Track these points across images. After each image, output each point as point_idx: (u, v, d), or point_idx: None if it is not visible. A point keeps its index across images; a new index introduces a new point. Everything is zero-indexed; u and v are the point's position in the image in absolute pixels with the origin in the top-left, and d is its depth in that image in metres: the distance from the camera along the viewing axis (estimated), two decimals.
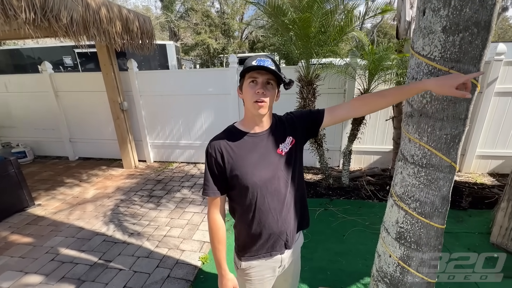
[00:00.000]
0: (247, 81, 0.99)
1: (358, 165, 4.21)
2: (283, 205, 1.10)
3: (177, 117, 4.46)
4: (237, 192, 1.06)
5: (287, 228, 1.13)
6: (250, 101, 0.99)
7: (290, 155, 1.10)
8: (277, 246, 1.14)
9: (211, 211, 1.08)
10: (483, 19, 0.93)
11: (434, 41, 1.00)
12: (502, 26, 20.88)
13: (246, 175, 1.02)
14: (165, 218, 3.05)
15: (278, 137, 1.09)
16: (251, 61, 0.97)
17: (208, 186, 1.05)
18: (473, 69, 0.99)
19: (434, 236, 1.23)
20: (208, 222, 1.10)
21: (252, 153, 1.04)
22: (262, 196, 1.05)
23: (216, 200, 1.07)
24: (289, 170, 1.10)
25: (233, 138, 1.05)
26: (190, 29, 17.68)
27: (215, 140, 1.05)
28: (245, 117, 1.08)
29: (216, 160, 1.02)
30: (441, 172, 1.13)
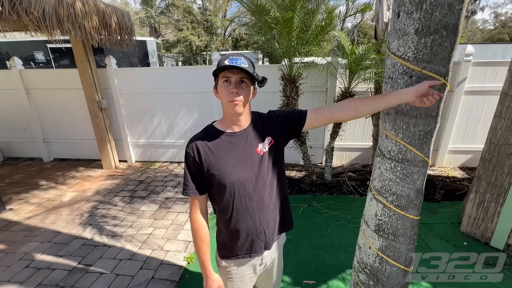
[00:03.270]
0: (221, 80, 0.99)
1: (340, 162, 4.34)
2: (261, 205, 1.09)
3: (159, 115, 4.37)
4: (215, 192, 1.06)
5: (265, 228, 1.13)
6: (225, 101, 0.99)
7: (269, 155, 1.09)
8: (256, 247, 1.13)
9: (192, 210, 1.08)
10: (451, 23, 0.99)
11: (408, 43, 1.06)
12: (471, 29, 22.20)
13: (224, 174, 1.01)
14: (148, 219, 2.99)
15: (258, 136, 1.08)
16: (224, 60, 0.96)
17: (188, 186, 1.04)
18: (443, 70, 1.05)
19: (409, 227, 1.30)
20: (191, 222, 1.09)
21: (229, 152, 1.03)
22: (240, 196, 1.05)
23: (197, 200, 1.07)
24: (267, 170, 1.09)
25: (211, 138, 1.04)
26: (172, 25, 17.27)
27: (193, 140, 1.04)
28: (223, 116, 1.07)
29: (194, 160, 1.02)
30: (415, 167, 1.20)
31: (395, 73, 1.14)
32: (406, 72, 1.10)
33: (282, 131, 1.13)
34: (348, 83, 3.13)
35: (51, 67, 7.34)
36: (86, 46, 3.79)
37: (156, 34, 17.53)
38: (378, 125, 3.62)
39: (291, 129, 1.14)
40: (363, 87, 3.55)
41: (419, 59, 1.05)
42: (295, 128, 1.13)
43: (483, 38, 22.31)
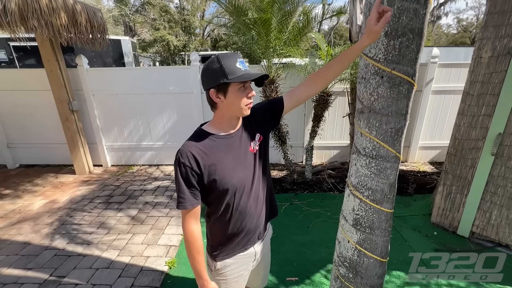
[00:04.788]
0: (237, 86, 0.93)
1: (320, 160, 4.45)
2: (257, 201, 1.11)
3: (136, 117, 4.21)
4: (214, 196, 1.03)
5: (261, 222, 1.16)
6: (242, 105, 0.96)
7: (260, 152, 1.11)
8: (252, 240, 1.15)
9: (188, 222, 1.00)
10: (416, 26, 1.06)
11: (379, 45, 1.12)
12: (437, 32, 23.75)
13: (224, 179, 0.99)
14: (126, 225, 2.87)
15: (249, 135, 1.08)
16: (232, 62, 0.91)
17: (185, 198, 0.97)
18: (410, 70, 1.12)
19: (384, 220, 1.37)
20: (185, 234, 1.01)
21: (227, 155, 1.01)
22: (240, 197, 1.04)
23: (194, 211, 1.00)
24: (260, 166, 1.10)
25: (206, 143, 0.99)
26: (148, 24, 16.75)
27: (186, 148, 0.96)
28: (221, 119, 1.02)
29: (191, 169, 0.94)
30: (388, 162, 1.27)
31: (368, 73, 1.19)
32: (377, 73, 1.15)
33: (267, 124, 1.15)
34: None
35: (14, 67, 6.82)
36: (54, 45, 3.57)
37: (131, 33, 16.90)
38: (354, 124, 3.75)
39: (273, 119, 1.16)
40: (340, 87, 3.67)
41: (389, 60, 1.11)
42: (276, 117, 1.16)
43: (447, 41, 23.95)
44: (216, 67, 0.91)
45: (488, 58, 2.12)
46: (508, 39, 2.00)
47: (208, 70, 0.94)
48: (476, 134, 2.29)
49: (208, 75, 0.94)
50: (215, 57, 0.93)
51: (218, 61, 0.91)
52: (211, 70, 0.93)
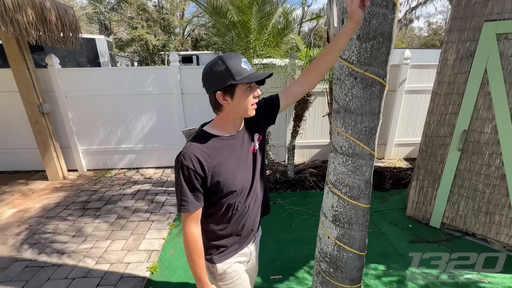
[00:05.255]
0: (244, 87, 0.92)
1: (302, 159, 4.54)
2: (256, 200, 1.12)
3: (113, 119, 4.06)
4: (216, 198, 1.01)
5: (257, 221, 1.18)
6: (248, 106, 0.95)
7: (259, 151, 1.11)
8: (249, 240, 1.17)
9: (189, 225, 0.97)
10: (386, 30, 1.12)
11: (352, 47, 1.17)
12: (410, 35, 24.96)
13: (228, 180, 0.98)
14: (104, 231, 2.76)
15: (250, 134, 1.08)
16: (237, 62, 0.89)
17: (187, 201, 0.94)
18: (381, 72, 1.18)
19: (361, 215, 1.43)
20: (186, 237, 0.98)
21: (230, 156, 1.00)
22: (242, 197, 1.05)
23: (196, 213, 0.98)
24: (259, 166, 1.11)
25: (210, 145, 0.97)
26: (125, 23, 16.16)
27: (189, 150, 0.93)
28: (224, 121, 1.00)
29: (195, 172, 0.92)
30: (363, 159, 1.32)
31: (342, 74, 1.24)
32: (351, 74, 1.20)
33: (263, 122, 1.14)
34: None
35: None
36: (21, 44, 3.36)
37: (107, 32, 16.23)
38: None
39: (269, 118, 1.16)
40: (319, 87, 3.76)
41: (361, 62, 1.16)
42: (273, 115, 1.16)
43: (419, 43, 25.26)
44: (221, 69, 0.88)
45: (453, 60, 2.27)
46: (470, 42, 2.16)
47: (213, 72, 0.91)
48: (444, 131, 2.45)
49: (213, 77, 0.91)
50: (218, 58, 0.91)
51: (223, 62, 0.88)
52: (216, 72, 0.90)
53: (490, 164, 2.25)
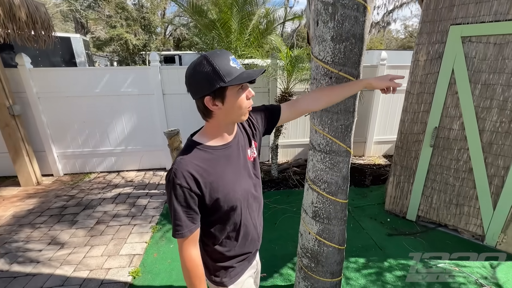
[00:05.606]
0: (236, 88, 0.81)
1: (285, 158, 4.60)
2: (258, 210, 1.05)
3: (91, 121, 3.92)
4: (218, 216, 0.90)
5: (260, 230, 1.09)
6: (242, 109, 0.85)
7: (257, 159, 1.04)
8: (254, 251, 1.08)
9: (187, 249, 0.87)
10: (358, 32, 1.17)
11: (326, 48, 1.21)
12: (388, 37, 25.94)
13: (229, 195, 0.88)
14: (83, 237, 2.66)
15: (245, 141, 0.99)
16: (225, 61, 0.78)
17: (182, 225, 0.83)
18: (355, 72, 1.23)
19: (340, 210, 1.48)
20: (184, 262, 0.87)
21: (227, 168, 0.90)
22: (245, 210, 0.96)
23: (192, 236, 0.86)
24: (257, 174, 1.03)
25: (204, 157, 0.86)
26: (102, 21, 15.59)
27: (181, 167, 0.81)
28: (215, 128, 0.89)
29: (190, 190, 0.81)
30: (340, 156, 1.37)
31: (318, 74, 1.28)
32: (327, 74, 1.25)
33: (261, 130, 1.07)
34: (287, 84, 3.35)
35: None
36: None
37: (83, 30, 15.58)
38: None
39: (268, 127, 1.09)
40: (301, 88, 3.83)
41: (336, 62, 1.21)
42: (271, 126, 1.10)
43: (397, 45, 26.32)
44: (207, 70, 0.76)
45: (424, 61, 2.40)
46: (438, 44, 2.29)
47: (198, 74, 0.78)
48: (417, 128, 2.58)
49: (198, 80, 0.79)
50: (202, 58, 0.78)
51: (209, 63, 0.76)
52: (201, 75, 0.77)
53: (459, 159, 2.40)
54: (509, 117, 2.10)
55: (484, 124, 2.22)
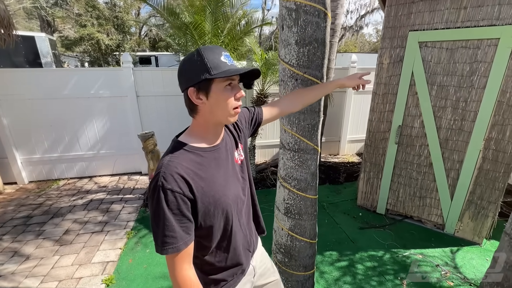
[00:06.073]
0: (223, 84, 0.77)
1: (264, 158, 4.66)
2: (248, 216, 1.02)
3: (59, 125, 3.72)
4: (208, 225, 0.83)
5: (252, 237, 1.05)
6: (229, 109, 0.80)
7: (244, 162, 1.00)
8: (248, 261, 1.02)
9: (181, 267, 0.76)
10: (320, 37, 1.25)
11: (291, 51, 1.27)
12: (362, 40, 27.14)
13: (220, 199, 0.82)
14: (51, 247, 2.53)
15: (232, 144, 0.96)
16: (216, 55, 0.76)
17: (176, 237, 0.73)
18: (318, 74, 1.31)
19: (310, 206, 1.55)
20: (179, 284, 0.76)
21: (218, 170, 0.85)
22: (235, 216, 0.90)
23: (187, 250, 0.76)
24: (246, 177, 0.99)
25: (192, 159, 0.80)
26: (71, 20, 14.79)
27: (170, 170, 0.74)
28: (202, 127, 0.84)
29: (183, 195, 0.73)
30: (308, 154, 1.44)
31: (285, 76, 1.34)
32: (293, 76, 1.31)
33: (246, 133, 1.06)
34: (262, 86, 3.41)
35: None
36: None
37: (50, 29, 14.68)
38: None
39: (251, 129, 1.10)
40: (275, 89, 3.92)
41: (300, 65, 1.28)
42: (255, 129, 1.11)
43: (370, 48, 27.59)
44: (195, 62, 0.74)
45: (387, 64, 2.57)
46: (399, 49, 2.47)
47: (186, 65, 0.77)
48: (383, 127, 2.75)
49: (186, 71, 0.77)
50: (195, 50, 0.77)
51: (199, 54, 0.74)
52: (189, 65, 0.76)
53: (420, 155, 2.59)
54: (461, 115, 2.31)
55: (440, 122, 2.42)
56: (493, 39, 2.04)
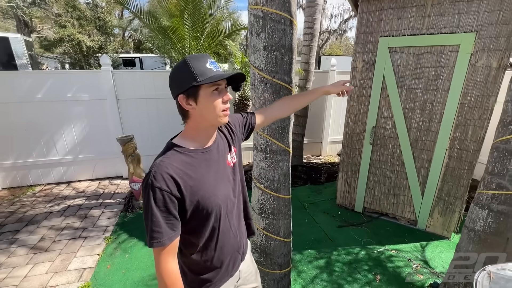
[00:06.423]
0: (210, 89, 0.83)
1: (247, 160, 4.69)
2: (239, 218, 1.04)
3: (34, 129, 3.60)
4: (197, 222, 0.88)
5: (243, 239, 1.07)
6: (217, 112, 0.86)
7: (237, 165, 1.04)
8: (236, 263, 1.04)
9: (165, 261, 0.82)
10: (287, 43, 1.30)
11: (260, 57, 1.32)
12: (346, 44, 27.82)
13: (209, 199, 0.87)
14: (24, 255, 2.44)
15: (225, 147, 0.99)
16: (201, 63, 0.82)
17: (161, 232, 0.79)
18: (287, 78, 1.37)
19: (283, 205, 1.60)
20: (162, 276, 0.82)
21: (208, 172, 0.89)
22: (224, 216, 0.94)
23: (172, 245, 0.82)
24: (238, 181, 1.03)
25: (184, 161, 0.85)
26: (50, 20, 14.29)
27: (161, 169, 0.80)
28: (194, 131, 0.89)
29: (170, 194, 0.79)
30: (280, 155, 1.49)
31: (255, 81, 1.39)
32: (262, 80, 1.36)
33: (240, 137, 1.10)
34: (243, 88, 3.46)
35: None
36: None
37: (27, 29, 14.11)
38: None
39: (245, 134, 1.14)
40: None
41: (269, 70, 1.33)
42: (250, 132, 1.15)
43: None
44: (183, 71, 0.81)
45: (361, 68, 2.68)
46: (371, 53, 2.59)
47: (175, 74, 0.84)
48: (359, 128, 2.86)
49: (175, 80, 0.84)
50: (182, 60, 0.83)
51: (186, 64, 0.81)
52: (178, 75, 0.83)
53: (393, 154, 2.71)
54: (428, 116, 2.45)
55: (410, 123, 2.55)
56: (454, 45, 2.19)
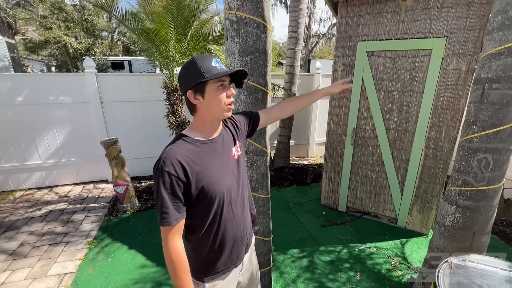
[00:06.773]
0: (216, 85, 0.91)
1: None
2: (243, 209, 1.09)
3: (14, 132, 3.52)
4: (201, 207, 0.95)
5: (247, 230, 1.12)
6: (222, 106, 0.94)
7: (241, 158, 1.10)
8: (240, 253, 1.09)
9: (172, 239, 0.90)
10: (261, 47, 1.35)
11: (235, 60, 1.36)
12: None
13: (213, 185, 0.94)
14: (2, 262, 2.38)
15: (230, 140, 1.07)
16: (208, 62, 0.90)
17: (169, 213, 0.87)
18: (261, 81, 1.41)
19: (262, 205, 1.63)
20: (169, 253, 0.90)
21: (213, 160, 0.97)
22: (228, 204, 1.00)
23: (178, 225, 0.90)
24: (242, 173, 1.09)
25: (191, 149, 0.93)
26: (35, 22, 13.98)
27: (170, 155, 0.88)
28: (201, 123, 0.98)
29: (178, 178, 0.87)
30: (257, 156, 1.53)
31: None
32: None
33: (244, 134, 1.18)
34: None
35: None
36: None
37: (11, 31, 13.76)
38: None
39: (250, 130, 1.21)
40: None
41: None
42: (252, 130, 1.22)
43: None
44: (191, 68, 0.90)
45: (341, 71, 2.76)
46: (351, 57, 2.67)
47: (185, 72, 0.93)
48: (341, 129, 2.94)
49: (184, 77, 0.93)
50: (190, 59, 0.92)
51: (194, 62, 0.90)
52: (187, 72, 0.92)
53: (373, 154, 2.80)
54: (405, 117, 2.55)
55: (389, 124, 2.64)
56: (427, 50, 2.29)
